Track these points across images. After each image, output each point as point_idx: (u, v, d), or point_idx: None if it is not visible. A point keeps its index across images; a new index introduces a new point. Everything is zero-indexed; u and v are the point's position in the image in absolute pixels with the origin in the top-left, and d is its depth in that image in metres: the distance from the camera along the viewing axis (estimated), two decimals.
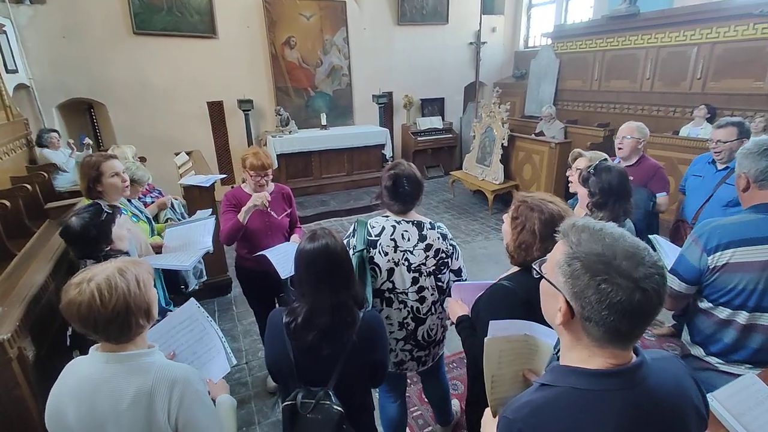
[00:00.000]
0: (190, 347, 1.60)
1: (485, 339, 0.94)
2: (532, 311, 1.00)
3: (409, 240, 1.79)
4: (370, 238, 1.80)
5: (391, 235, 1.78)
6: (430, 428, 2.47)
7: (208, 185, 3.72)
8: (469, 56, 8.44)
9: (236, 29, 6.58)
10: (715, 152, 2.52)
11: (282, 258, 2.19)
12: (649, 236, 2.65)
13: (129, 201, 2.51)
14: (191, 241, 2.54)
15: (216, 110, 6.73)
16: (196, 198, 3.71)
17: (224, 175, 4.95)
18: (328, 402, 1.34)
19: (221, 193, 3.05)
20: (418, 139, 7.98)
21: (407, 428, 2.27)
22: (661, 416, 0.75)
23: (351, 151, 6.94)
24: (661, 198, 2.78)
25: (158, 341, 1.53)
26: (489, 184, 6.17)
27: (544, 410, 0.77)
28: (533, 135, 6.28)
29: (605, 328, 0.73)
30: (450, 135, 8.26)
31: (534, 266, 0.88)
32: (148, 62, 6.16)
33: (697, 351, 1.58)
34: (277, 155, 6.42)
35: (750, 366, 1.44)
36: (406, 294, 1.84)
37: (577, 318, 0.76)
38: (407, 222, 1.81)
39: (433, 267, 1.83)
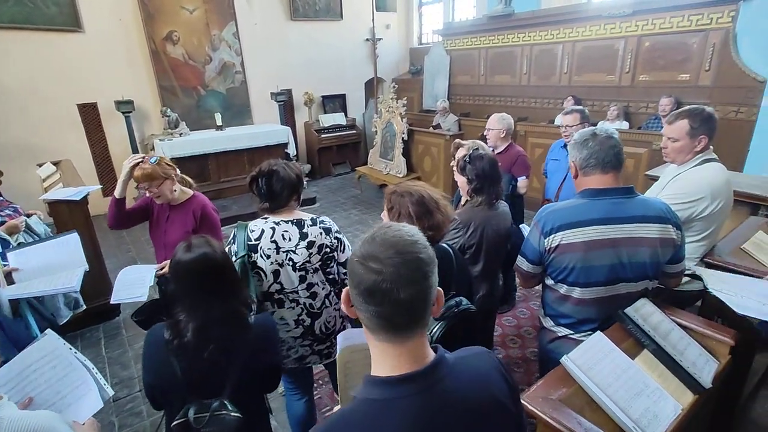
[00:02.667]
0: (52, 387, 1.41)
1: (338, 353, 0.93)
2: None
3: (290, 240, 1.76)
4: (250, 242, 1.74)
5: (271, 238, 1.74)
6: None
7: (78, 198, 3.29)
8: (366, 52, 8.55)
9: (106, 23, 5.92)
10: (565, 136, 2.87)
11: (128, 280, 2.03)
12: (519, 226, 2.93)
13: None
14: (56, 262, 2.25)
15: (89, 113, 5.99)
16: (65, 215, 3.27)
17: (99, 186, 4.41)
18: (224, 411, 1.28)
19: (102, 206, 2.73)
20: (322, 136, 7.92)
21: None
22: (453, 417, 0.74)
23: (251, 152, 6.63)
24: (521, 181, 3.12)
25: (8, 386, 1.33)
26: (393, 178, 6.33)
27: (337, 425, 0.75)
28: (431, 128, 6.57)
29: (370, 314, 0.73)
30: (354, 131, 8.31)
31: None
32: None
33: (548, 323, 1.75)
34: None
35: (590, 333, 1.62)
36: (297, 293, 1.81)
37: (361, 317, 0.76)
38: (287, 222, 1.78)
39: (319, 263, 1.82)
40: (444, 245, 1.55)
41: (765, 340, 1.88)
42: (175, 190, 2.25)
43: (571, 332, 1.66)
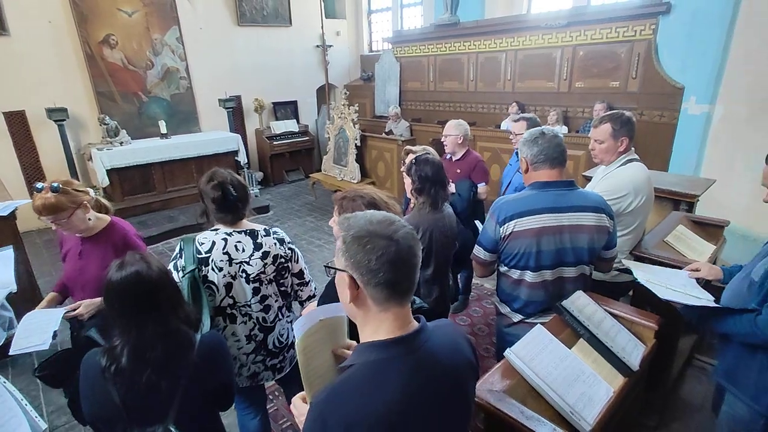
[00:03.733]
0: None
1: (296, 342, 0.95)
2: None
3: (243, 251, 1.73)
4: (200, 255, 1.68)
5: (223, 249, 1.70)
6: None
7: (6, 214, 3.05)
8: (317, 59, 8.52)
9: (34, 25, 5.53)
10: (514, 143, 3.01)
11: (31, 326, 1.75)
12: (475, 221, 3.03)
13: None
14: None
15: (17, 122, 5.57)
16: None
17: (29, 201, 4.10)
18: None
19: (33, 221, 2.52)
20: (274, 143, 7.79)
21: None
22: (440, 373, 0.88)
23: (200, 160, 6.41)
24: (481, 187, 3.19)
25: None
26: (347, 184, 6.33)
27: (341, 389, 0.83)
28: (383, 134, 6.65)
29: (382, 285, 0.83)
30: (306, 137, 8.25)
31: (325, 266, 0.96)
32: None
33: (504, 309, 1.87)
34: (106, 170, 5.60)
35: (540, 315, 1.76)
36: (249, 306, 1.78)
37: (362, 288, 0.85)
38: (239, 232, 1.74)
39: (274, 274, 1.80)
40: None
41: (687, 324, 2.07)
42: (89, 219, 1.87)
43: (524, 317, 1.79)
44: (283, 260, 1.82)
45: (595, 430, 1.22)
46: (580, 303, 1.63)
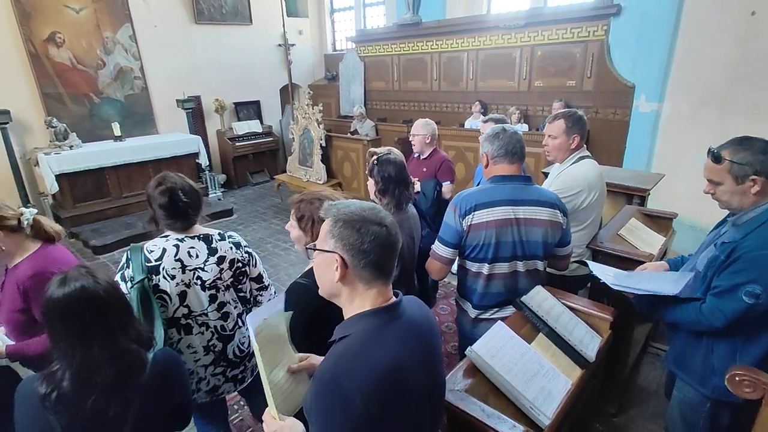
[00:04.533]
0: None
1: (252, 339, 0.96)
2: (328, 303, 1.06)
3: (197, 257, 1.66)
4: (149, 264, 1.60)
5: (175, 256, 1.62)
6: None
7: None
8: (279, 58, 8.37)
9: None
10: None
11: None
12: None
13: None
14: None
15: None
16: None
17: None
18: None
19: None
20: (237, 144, 7.60)
21: None
22: (425, 332, 1.03)
23: (157, 163, 6.15)
24: (446, 186, 3.20)
25: None
26: (314, 185, 6.25)
27: (348, 353, 0.91)
28: (349, 134, 6.61)
29: (372, 265, 0.94)
30: (271, 138, 8.09)
31: (307, 248, 1.08)
32: None
33: (465, 304, 1.89)
34: (55, 176, 5.29)
35: (497, 309, 1.79)
36: (206, 315, 1.71)
37: (350, 269, 0.95)
38: (192, 238, 1.67)
39: (231, 279, 1.74)
40: None
41: (640, 315, 2.15)
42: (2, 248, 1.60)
43: (482, 311, 1.82)
44: (240, 264, 1.76)
45: (554, 422, 1.24)
46: (539, 298, 1.67)
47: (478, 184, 3.03)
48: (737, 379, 1.31)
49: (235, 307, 1.79)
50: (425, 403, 0.99)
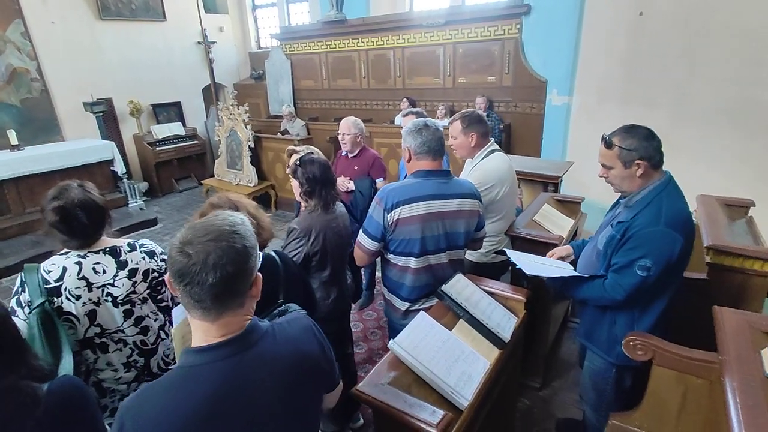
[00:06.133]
0: None
1: (173, 328, 0.92)
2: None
3: (104, 272, 1.53)
4: (48, 286, 1.46)
5: (78, 274, 1.49)
6: None
7: None
8: (199, 57, 7.95)
9: None
10: None
11: None
12: None
13: None
14: None
15: None
16: None
17: None
18: None
19: None
20: (158, 149, 7.12)
21: None
22: (268, 374, 0.87)
23: (65, 173, 5.56)
24: (380, 183, 3.23)
25: None
26: (244, 188, 6.04)
27: (145, 393, 0.84)
28: (279, 134, 6.45)
29: (181, 294, 0.83)
30: (196, 141, 7.67)
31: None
32: None
33: (392, 298, 1.93)
34: None
35: (426, 299, 1.85)
36: (122, 331, 1.59)
37: (177, 295, 0.85)
38: (96, 252, 1.54)
39: (148, 291, 1.63)
40: (271, 253, 1.53)
41: (555, 294, 2.33)
42: None
43: (411, 304, 1.86)
44: (156, 275, 1.65)
45: (474, 403, 1.31)
46: (459, 286, 1.74)
47: (404, 177, 3.12)
48: (631, 344, 1.47)
49: (156, 320, 1.68)
50: None
